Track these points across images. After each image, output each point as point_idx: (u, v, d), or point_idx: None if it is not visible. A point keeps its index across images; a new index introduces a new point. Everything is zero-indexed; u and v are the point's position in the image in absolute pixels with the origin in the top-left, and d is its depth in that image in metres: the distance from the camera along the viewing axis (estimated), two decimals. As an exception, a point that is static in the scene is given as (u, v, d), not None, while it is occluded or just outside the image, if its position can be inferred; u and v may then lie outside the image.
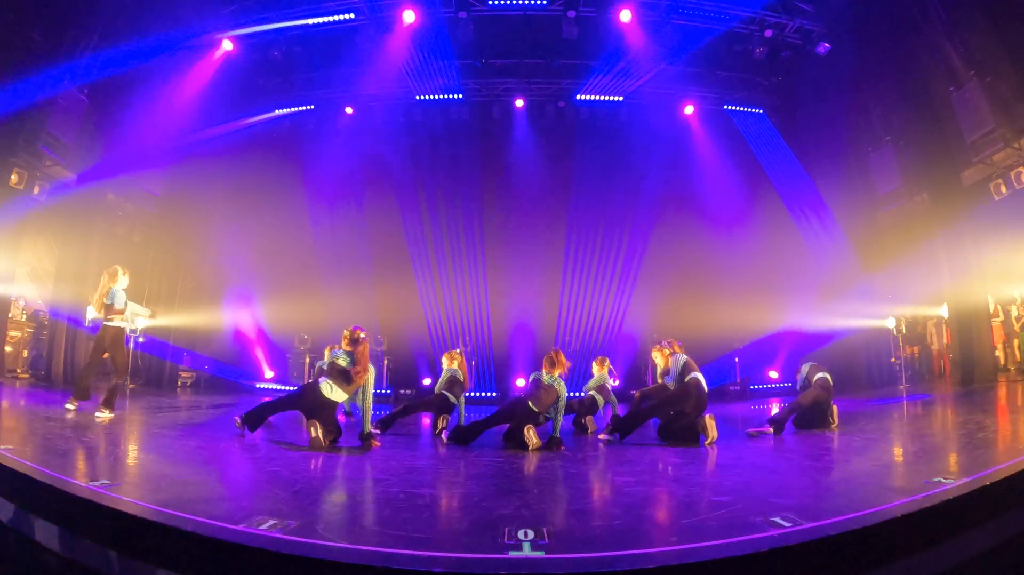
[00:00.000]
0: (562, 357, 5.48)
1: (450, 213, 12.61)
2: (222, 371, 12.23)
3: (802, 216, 11.75)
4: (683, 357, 5.69)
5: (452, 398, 6.28)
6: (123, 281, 6.17)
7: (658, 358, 5.97)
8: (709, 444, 5.07)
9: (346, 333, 5.19)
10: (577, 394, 7.42)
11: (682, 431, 5.40)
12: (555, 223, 12.51)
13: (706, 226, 12.08)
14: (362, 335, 5.15)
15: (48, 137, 8.99)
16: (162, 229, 11.74)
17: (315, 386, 4.98)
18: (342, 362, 5.02)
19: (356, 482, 3.57)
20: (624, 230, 12.44)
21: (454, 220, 12.59)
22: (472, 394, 10.26)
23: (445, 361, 6.63)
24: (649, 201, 12.24)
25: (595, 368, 7.19)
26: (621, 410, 6.74)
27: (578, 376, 10.95)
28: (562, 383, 5.38)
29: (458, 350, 6.83)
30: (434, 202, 12.66)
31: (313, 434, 4.73)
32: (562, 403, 5.35)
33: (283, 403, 5.19)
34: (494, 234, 12.53)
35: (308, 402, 4.92)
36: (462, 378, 6.44)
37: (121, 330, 6.14)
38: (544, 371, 5.40)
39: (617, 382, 11.58)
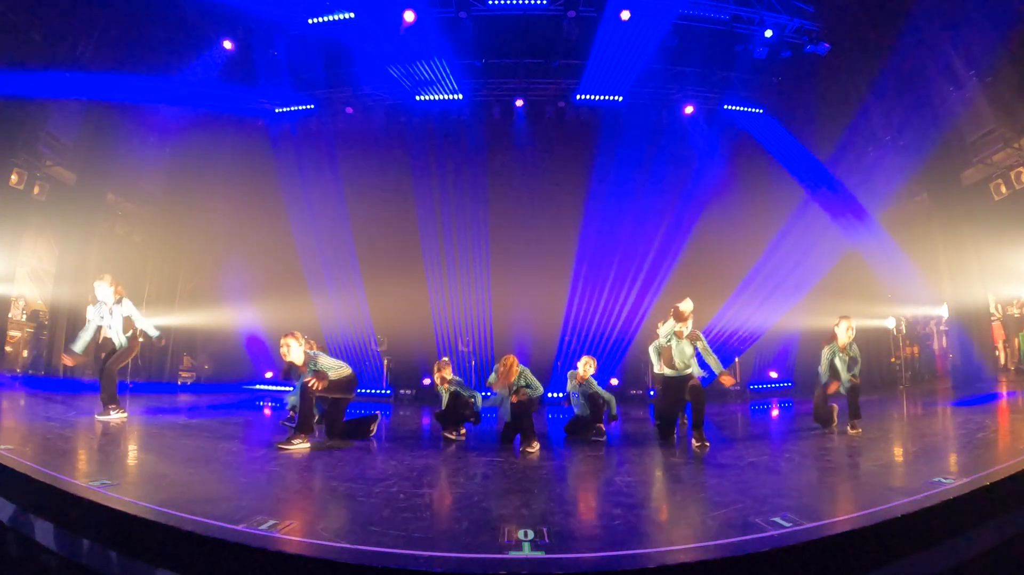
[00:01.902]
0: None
1: (450, 213, 12.60)
2: (221, 371, 12.22)
3: (806, 212, 11.76)
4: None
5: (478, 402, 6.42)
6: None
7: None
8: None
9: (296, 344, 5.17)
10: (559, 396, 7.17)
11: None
12: (554, 223, 12.50)
13: (707, 225, 12.09)
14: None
15: (48, 137, 9.00)
16: (162, 229, 11.75)
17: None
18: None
19: (356, 482, 3.57)
20: (624, 230, 12.42)
21: (453, 220, 12.57)
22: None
23: (446, 375, 6.48)
24: (650, 200, 12.22)
25: (585, 368, 6.49)
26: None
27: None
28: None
29: (446, 358, 6.91)
30: (434, 202, 12.64)
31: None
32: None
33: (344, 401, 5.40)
34: (495, 234, 12.51)
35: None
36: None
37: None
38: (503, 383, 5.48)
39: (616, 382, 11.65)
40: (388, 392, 11.80)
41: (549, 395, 11.63)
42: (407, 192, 12.43)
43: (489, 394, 6.17)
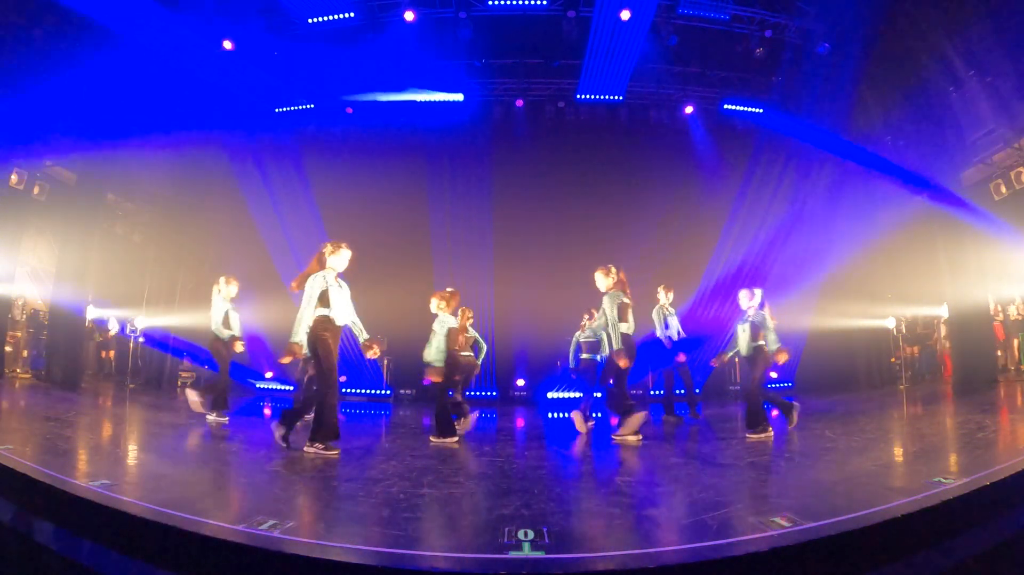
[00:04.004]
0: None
1: (451, 213, 12.58)
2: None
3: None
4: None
5: None
6: (226, 291, 6.67)
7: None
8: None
9: None
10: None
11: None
12: (557, 224, 12.49)
13: (708, 224, 12.11)
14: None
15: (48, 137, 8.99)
16: (162, 229, 11.74)
17: None
18: None
19: (356, 482, 3.57)
20: (624, 229, 12.42)
21: (454, 221, 12.56)
22: (472, 393, 10.25)
23: (467, 324, 6.98)
24: (650, 200, 12.22)
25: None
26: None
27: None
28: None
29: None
30: (435, 202, 12.63)
31: None
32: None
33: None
34: (496, 234, 12.50)
35: None
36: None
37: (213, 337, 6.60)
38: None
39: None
40: (388, 392, 11.80)
41: (548, 395, 11.64)
42: (407, 192, 12.43)
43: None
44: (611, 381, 5.50)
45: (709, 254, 12.18)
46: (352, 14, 10.11)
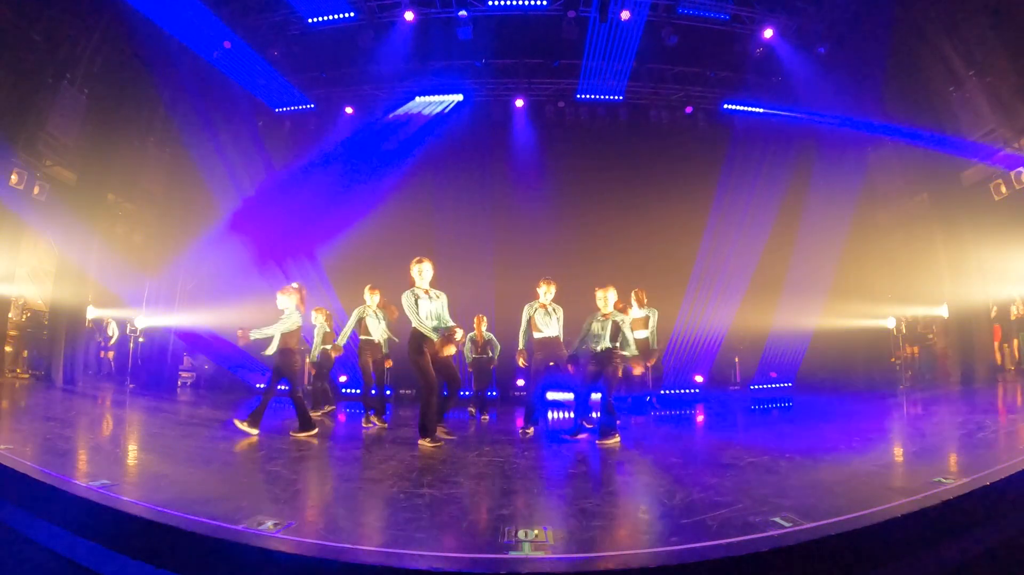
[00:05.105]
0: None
1: (451, 213, 12.58)
2: (222, 370, 12.20)
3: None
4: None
5: None
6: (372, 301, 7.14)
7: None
8: None
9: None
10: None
11: None
12: (557, 223, 12.47)
13: (707, 223, 12.11)
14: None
15: (48, 137, 8.99)
16: (162, 229, 11.74)
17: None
18: None
19: (355, 482, 3.57)
20: (624, 229, 12.42)
21: (455, 221, 12.55)
22: (469, 394, 10.23)
23: (482, 329, 7.97)
24: (651, 200, 12.21)
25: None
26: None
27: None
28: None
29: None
30: (436, 202, 12.62)
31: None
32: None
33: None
34: (497, 235, 12.49)
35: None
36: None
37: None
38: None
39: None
40: (388, 392, 11.76)
41: (547, 396, 11.63)
42: (408, 191, 12.43)
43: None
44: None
45: (717, 256, 12.20)
46: (352, 14, 10.11)
